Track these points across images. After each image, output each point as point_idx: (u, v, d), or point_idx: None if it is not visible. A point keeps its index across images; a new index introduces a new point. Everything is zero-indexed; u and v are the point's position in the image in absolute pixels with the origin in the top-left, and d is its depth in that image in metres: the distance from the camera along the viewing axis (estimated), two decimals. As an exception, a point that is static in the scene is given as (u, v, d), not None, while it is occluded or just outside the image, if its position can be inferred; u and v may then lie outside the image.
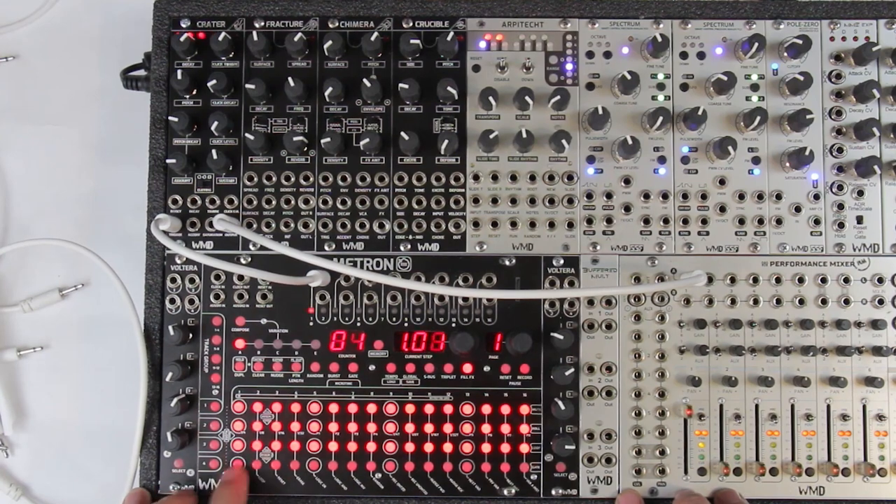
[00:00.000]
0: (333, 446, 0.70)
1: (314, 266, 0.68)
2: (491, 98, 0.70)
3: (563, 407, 0.68)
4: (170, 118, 0.70)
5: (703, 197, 0.71)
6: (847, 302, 0.70)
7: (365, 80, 0.70)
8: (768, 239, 0.71)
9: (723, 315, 0.70)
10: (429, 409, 0.70)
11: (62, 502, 0.76)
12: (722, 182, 0.71)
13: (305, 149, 0.71)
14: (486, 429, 0.70)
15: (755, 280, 0.70)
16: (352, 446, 0.70)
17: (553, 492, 0.70)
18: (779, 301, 0.70)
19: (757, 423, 0.70)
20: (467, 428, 0.70)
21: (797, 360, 0.70)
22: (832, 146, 0.71)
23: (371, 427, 0.70)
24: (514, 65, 0.72)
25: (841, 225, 0.71)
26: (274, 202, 0.71)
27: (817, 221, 0.71)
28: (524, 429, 0.70)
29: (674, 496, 0.69)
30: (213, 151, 0.69)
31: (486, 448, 0.70)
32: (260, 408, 0.70)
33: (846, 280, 0.70)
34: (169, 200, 0.71)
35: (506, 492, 0.69)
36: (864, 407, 0.70)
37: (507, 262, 0.71)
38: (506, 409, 0.70)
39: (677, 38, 0.72)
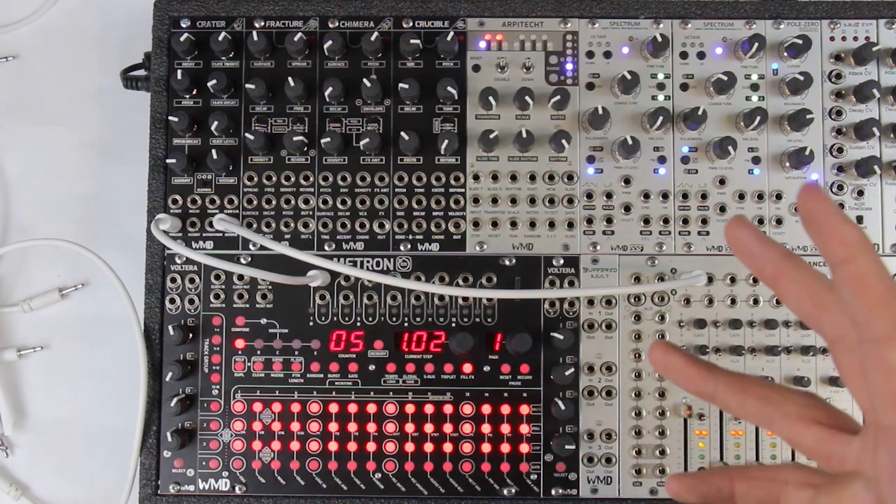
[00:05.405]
0: (333, 446, 0.70)
1: (314, 266, 0.68)
2: (491, 98, 0.70)
3: (563, 407, 0.68)
4: (170, 118, 0.70)
5: (703, 197, 0.71)
6: (847, 302, 0.70)
7: (365, 80, 0.70)
8: (768, 239, 0.71)
9: (723, 315, 0.70)
10: (429, 409, 0.70)
11: (62, 502, 0.76)
12: (722, 182, 0.71)
13: (305, 149, 0.71)
14: (485, 429, 0.70)
15: (755, 280, 0.70)
16: (352, 446, 0.70)
17: (553, 492, 0.70)
18: (779, 301, 0.70)
19: (757, 423, 0.70)
20: (467, 428, 0.70)
21: (797, 360, 0.70)
22: (832, 146, 0.71)
23: (371, 427, 0.70)
24: (514, 65, 0.72)
25: (841, 225, 0.71)
26: (274, 202, 0.71)
27: (817, 221, 0.71)
28: (524, 429, 0.70)
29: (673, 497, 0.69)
30: (213, 151, 0.69)
31: (485, 448, 0.70)
32: (260, 408, 0.70)
33: (846, 280, 0.70)
34: (169, 200, 0.71)
35: (506, 492, 0.69)
36: (864, 407, 0.70)
37: (507, 262, 0.71)
38: (506, 409, 0.70)
39: (677, 38, 0.72)
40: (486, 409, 0.70)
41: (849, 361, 0.38)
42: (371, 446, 0.70)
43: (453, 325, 0.71)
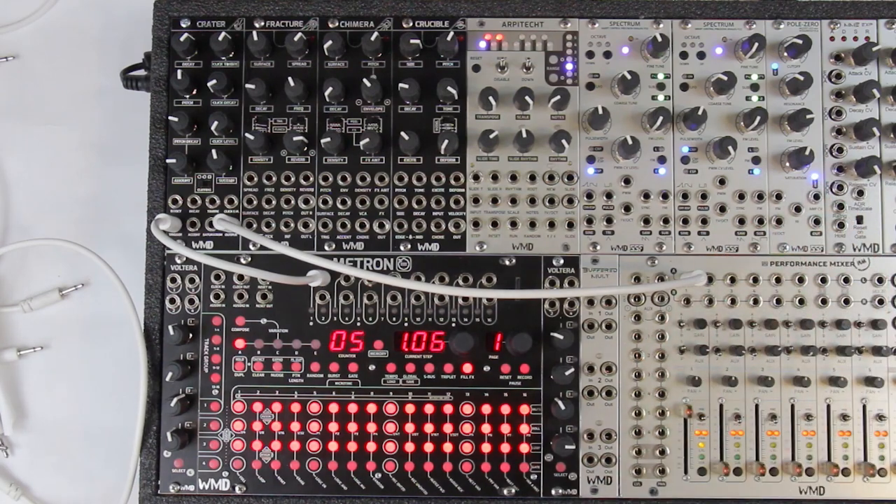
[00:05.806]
0: (333, 446, 0.70)
1: (314, 266, 0.68)
2: (491, 98, 0.70)
3: (563, 407, 0.68)
4: (170, 118, 0.70)
5: (703, 197, 0.71)
6: (847, 302, 0.70)
7: (365, 80, 0.70)
8: (768, 239, 0.71)
9: (723, 315, 0.70)
10: (429, 408, 0.70)
11: (62, 502, 0.76)
12: (722, 182, 0.71)
13: (305, 149, 0.71)
14: (485, 429, 0.70)
15: (755, 280, 0.70)
16: (352, 446, 0.70)
17: (553, 492, 0.70)
18: (779, 301, 0.70)
19: (757, 423, 0.70)
20: (467, 428, 0.70)
21: (797, 360, 0.70)
22: (832, 146, 0.71)
23: (371, 427, 0.70)
24: (514, 65, 0.72)
25: (841, 225, 0.71)
26: (274, 202, 0.71)
27: (817, 221, 0.71)
28: (524, 429, 0.70)
29: (673, 496, 0.69)
30: (213, 151, 0.69)
31: (486, 448, 0.70)
32: (260, 408, 0.70)
33: (846, 280, 0.70)
34: (169, 200, 0.71)
35: (506, 492, 0.69)
36: (864, 407, 0.70)
37: (507, 262, 0.71)
38: (506, 409, 0.70)
39: (677, 38, 0.72)
40: (486, 409, 0.70)
41: None
42: (371, 446, 0.70)
43: (453, 325, 0.71)
